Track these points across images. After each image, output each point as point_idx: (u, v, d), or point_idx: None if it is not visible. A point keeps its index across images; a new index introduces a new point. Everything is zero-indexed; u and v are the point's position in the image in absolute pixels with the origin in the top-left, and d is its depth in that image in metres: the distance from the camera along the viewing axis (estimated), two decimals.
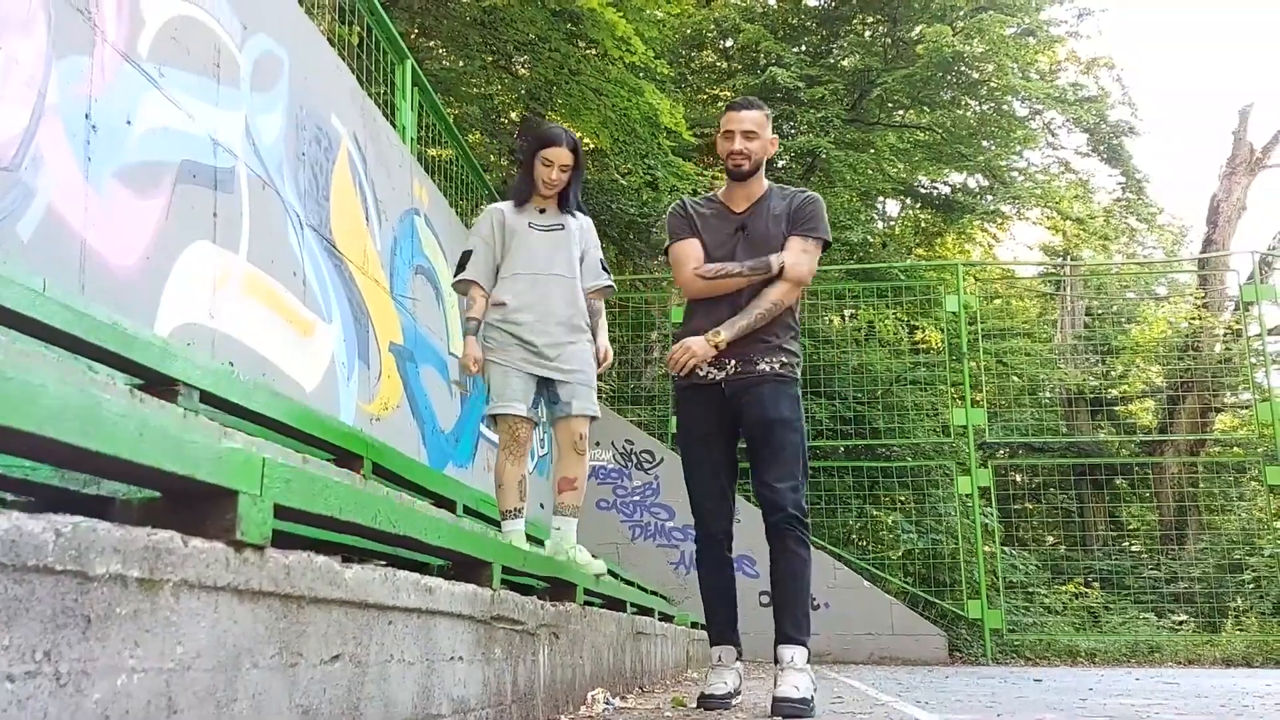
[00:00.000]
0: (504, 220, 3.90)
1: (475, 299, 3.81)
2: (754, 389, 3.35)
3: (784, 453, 3.31)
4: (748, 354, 3.37)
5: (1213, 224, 20.01)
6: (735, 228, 3.47)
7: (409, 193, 7.69)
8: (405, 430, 7.00)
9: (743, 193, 3.53)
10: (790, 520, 3.27)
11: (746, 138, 3.44)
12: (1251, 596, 13.27)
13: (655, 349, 14.93)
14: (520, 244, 3.86)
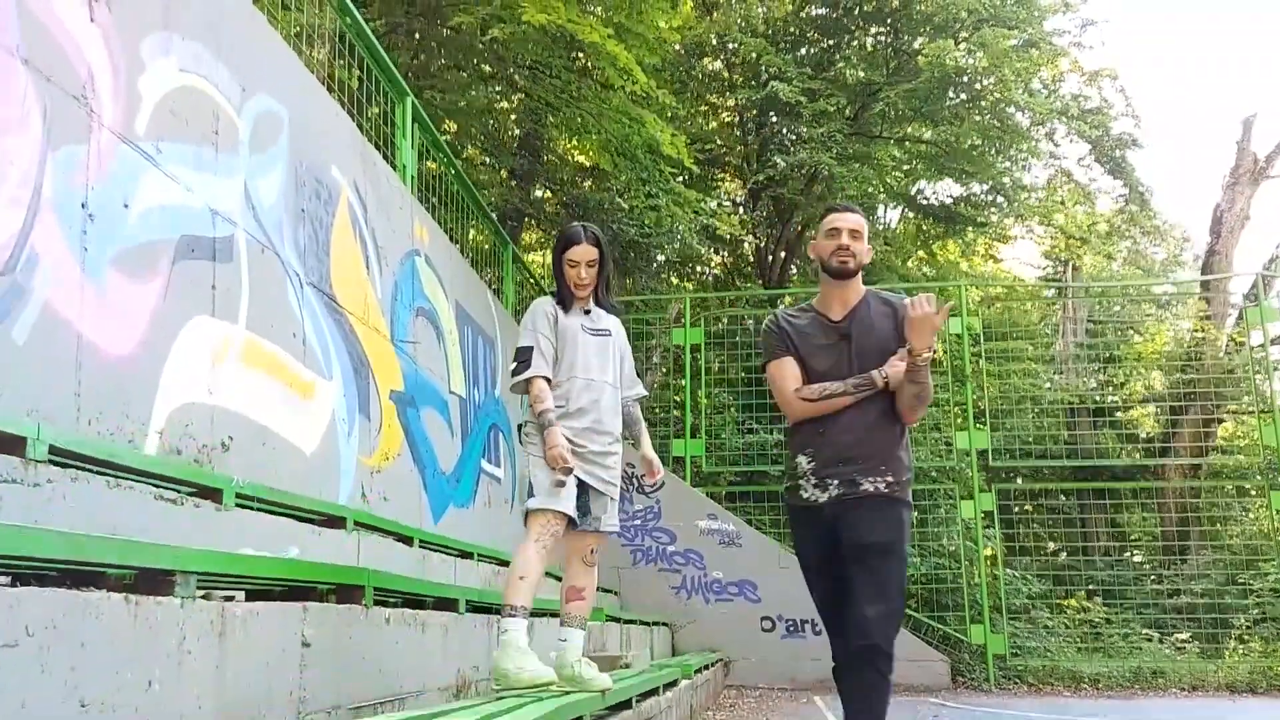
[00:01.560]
0: (557, 318, 3.86)
1: (545, 392, 3.72)
2: (857, 510, 3.20)
3: (877, 579, 3.14)
4: (851, 474, 3.22)
5: (1215, 234, 19.93)
6: (838, 336, 3.34)
7: (409, 234, 7.64)
8: (405, 479, 6.96)
9: (839, 297, 3.39)
10: (874, 651, 3.10)
11: (853, 237, 3.35)
12: (1256, 620, 13.23)
13: (657, 371, 14.88)
14: (574, 346, 3.84)
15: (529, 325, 3.85)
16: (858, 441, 3.23)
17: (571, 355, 3.80)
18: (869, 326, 3.32)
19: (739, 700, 9.47)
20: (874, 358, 3.27)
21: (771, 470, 13.43)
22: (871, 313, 3.35)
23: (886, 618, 3.12)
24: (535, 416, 3.67)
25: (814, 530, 3.30)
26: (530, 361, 3.74)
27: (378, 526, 4.98)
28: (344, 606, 2.88)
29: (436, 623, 3.65)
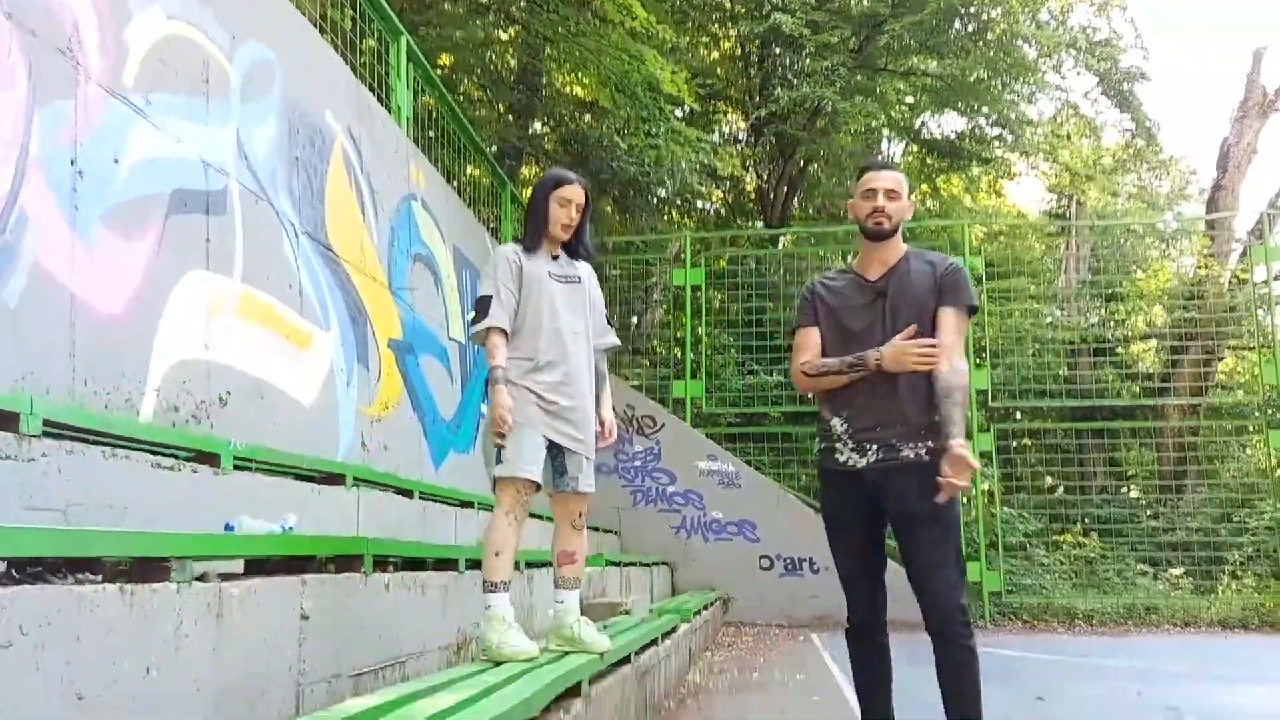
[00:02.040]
0: (521, 265, 3.60)
1: (499, 346, 3.46)
2: (899, 478, 3.09)
3: (931, 549, 3.07)
4: (890, 439, 3.11)
5: (1222, 169, 19.70)
6: (874, 296, 3.21)
7: (405, 179, 7.54)
8: (405, 427, 6.96)
9: (878, 257, 3.25)
10: (952, 627, 3.04)
11: (889, 197, 3.20)
12: (1250, 558, 13.36)
13: (657, 310, 14.84)
14: (540, 294, 3.57)
15: (489, 273, 3.60)
16: (895, 405, 3.12)
17: (538, 304, 3.55)
18: (907, 285, 3.19)
19: (737, 639, 9.60)
20: (910, 317, 3.14)
21: (771, 411, 13.46)
22: (911, 272, 3.21)
23: (951, 586, 3.05)
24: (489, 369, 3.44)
25: (851, 494, 3.19)
26: (489, 311, 3.49)
27: (377, 481, 4.98)
28: (343, 576, 2.89)
29: (436, 584, 3.67)
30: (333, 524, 4.26)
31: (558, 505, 3.53)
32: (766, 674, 6.52)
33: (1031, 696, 5.48)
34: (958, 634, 3.03)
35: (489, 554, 3.33)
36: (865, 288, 3.26)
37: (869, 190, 3.25)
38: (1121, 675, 6.43)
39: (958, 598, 3.06)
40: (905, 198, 3.28)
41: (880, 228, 3.22)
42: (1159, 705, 5.12)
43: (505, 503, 3.39)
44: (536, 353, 3.51)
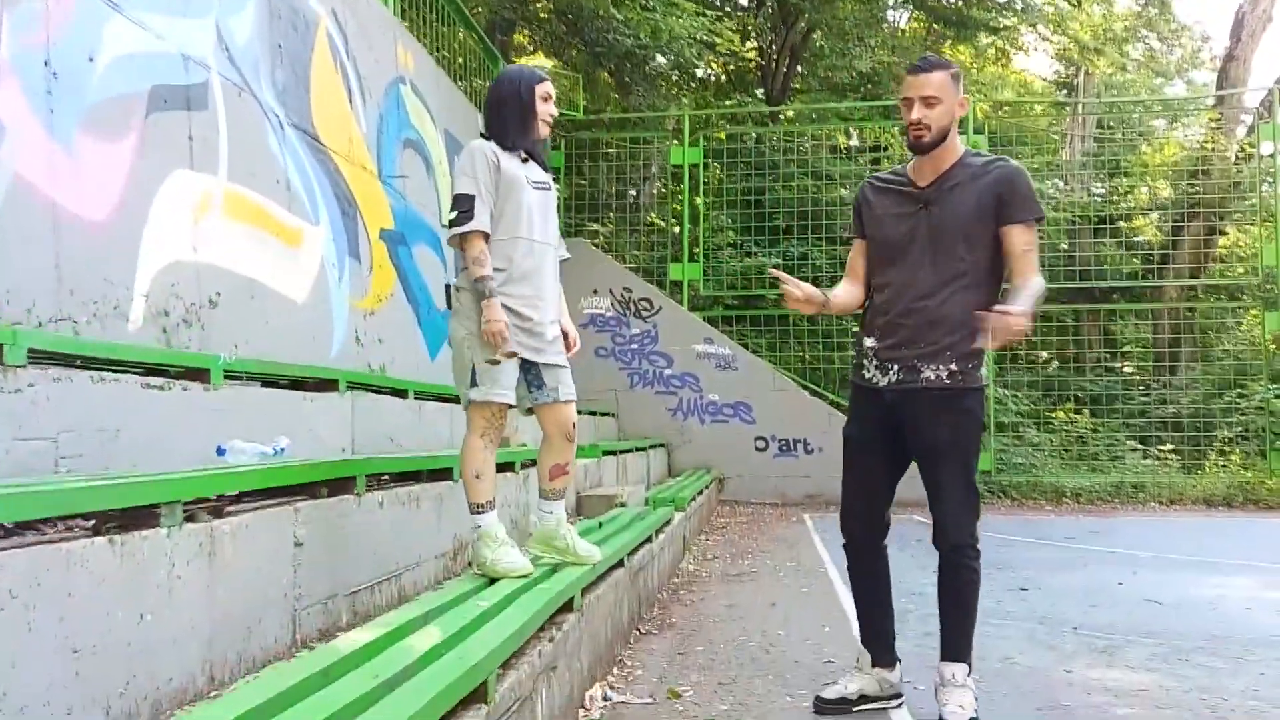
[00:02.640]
0: (500, 165, 3.35)
1: (485, 253, 3.23)
2: (916, 403, 3.00)
3: (946, 480, 3.01)
4: (912, 359, 3.00)
5: (1235, 38, 19.13)
6: (919, 205, 3.02)
7: (393, 61, 7.31)
8: (399, 319, 6.94)
9: (929, 165, 3.03)
10: (955, 550, 3.05)
11: (927, 104, 2.93)
12: (1239, 437, 13.55)
13: (654, 188, 14.61)
14: (518, 201, 3.34)
15: (468, 169, 3.30)
16: (922, 323, 3.00)
17: (515, 211, 3.32)
18: (957, 198, 2.99)
19: (732, 519, 9.80)
20: (953, 231, 2.98)
21: (769, 294, 13.41)
22: (963, 181, 3.00)
23: (963, 513, 3.02)
24: (472, 282, 3.22)
25: (872, 410, 3.13)
26: (473, 212, 3.22)
27: (371, 384, 4.98)
28: (335, 500, 2.91)
29: (431, 494, 3.71)
30: (327, 433, 4.28)
31: (546, 417, 3.42)
32: (759, 560, 6.67)
33: (1016, 587, 5.62)
34: (964, 557, 3.05)
35: (469, 478, 3.27)
36: (910, 196, 3.07)
37: (906, 99, 3.02)
38: (1106, 564, 6.59)
39: (969, 524, 3.04)
40: (953, 96, 2.99)
41: (920, 141, 2.98)
42: (1138, 597, 5.26)
43: (479, 425, 3.30)
44: (511, 263, 3.31)
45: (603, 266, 12.39)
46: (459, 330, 3.32)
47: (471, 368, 3.27)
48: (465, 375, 3.30)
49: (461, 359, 3.32)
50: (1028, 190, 2.99)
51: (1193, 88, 24.12)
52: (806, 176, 13.82)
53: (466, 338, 3.28)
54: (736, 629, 4.42)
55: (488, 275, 3.22)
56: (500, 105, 3.48)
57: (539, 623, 2.64)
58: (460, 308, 3.32)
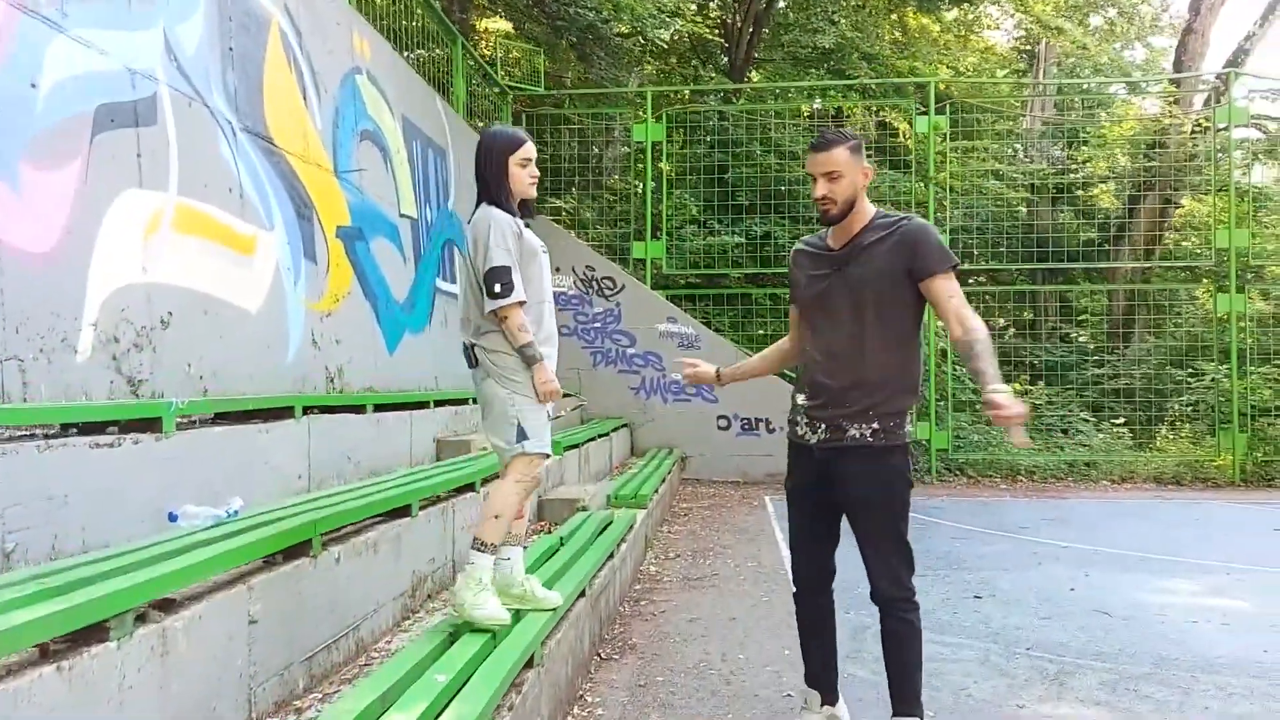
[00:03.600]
0: (521, 234, 3.50)
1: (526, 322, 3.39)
2: (843, 460, 3.09)
3: (877, 536, 3.10)
4: (838, 419, 3.09)
5: (1195, 11, 19.24)
6: (834, 267, 3.13)
7: (349, 50, 7.13)
8: (357, 316, 6.84)
9: (843, 229, 3.16)
10: (891, 604, 3.12)
11: (830, 180, 3.07)
12: (1190, 418, 13.81)
13: (616, 164, 14.48)
14: (540, 266, 3.53)
15: (500, 242, 3.39)
16: (845, 384, 3.09)
17: (539, 276, 3.50)
18: (866, 256, 3.08)
19: (694, 503, 9.88)
20: (866, 291, 3.06)
21: (732, 272, 13.42)
22: (874, 239, 3.10)
23: (896, 568, 3.10)
24: (518, 348, 3.35)
25: (806, 465, 3.23)
26: (513, 284, 3.34)
27: (327, 405, 4.92)
28: (291, 566, 2.88)
29: (389, 536, 3.68)
30: (284, 461, 4.23)
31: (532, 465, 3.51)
32: (720, 560, 6.73)
33: (971, 593, 5.72)
34: (901, 610, 3.12)
35: (490, 514, 3.34)
36: (826, 258, 3.20)
37: (810, 176, 3.16)
38: (1058, 562, 6.71)
39: (902, 578, 3.12)
40: (855, 169, 3.12)
41: (828, 214, 3.12)
42: (1089, 607, 5.38)
43: (519, 471, 3.41)
44: (541, 326, 3.50)
45: (565, 245, 12.30)
46: (499, 390, 3.42)
47: (518, 424, 3.38)
48: (509, 431, 3.40)
49: (505, 417, 3.41)
50: (936, 242, 3.08)
51: (1152, 52, 24.25)
52: (770, 154, 13.76)
53: (509, 397, 3.40)
54: (698, 651, 4.46)
55: (533, 341, 3.39)
56: (480, 170, 3.56)
57: (500, 695, 2.64)
58: (499, 369, 3.43)
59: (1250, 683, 4.04)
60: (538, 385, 3.35)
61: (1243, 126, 13.76)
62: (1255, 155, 16.72)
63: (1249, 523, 8.87)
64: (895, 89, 14.78)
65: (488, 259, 3.40)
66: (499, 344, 3.42)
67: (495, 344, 3.43)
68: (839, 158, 3.10)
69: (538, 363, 3.35)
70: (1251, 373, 12.87)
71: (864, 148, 3.23)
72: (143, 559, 2.39)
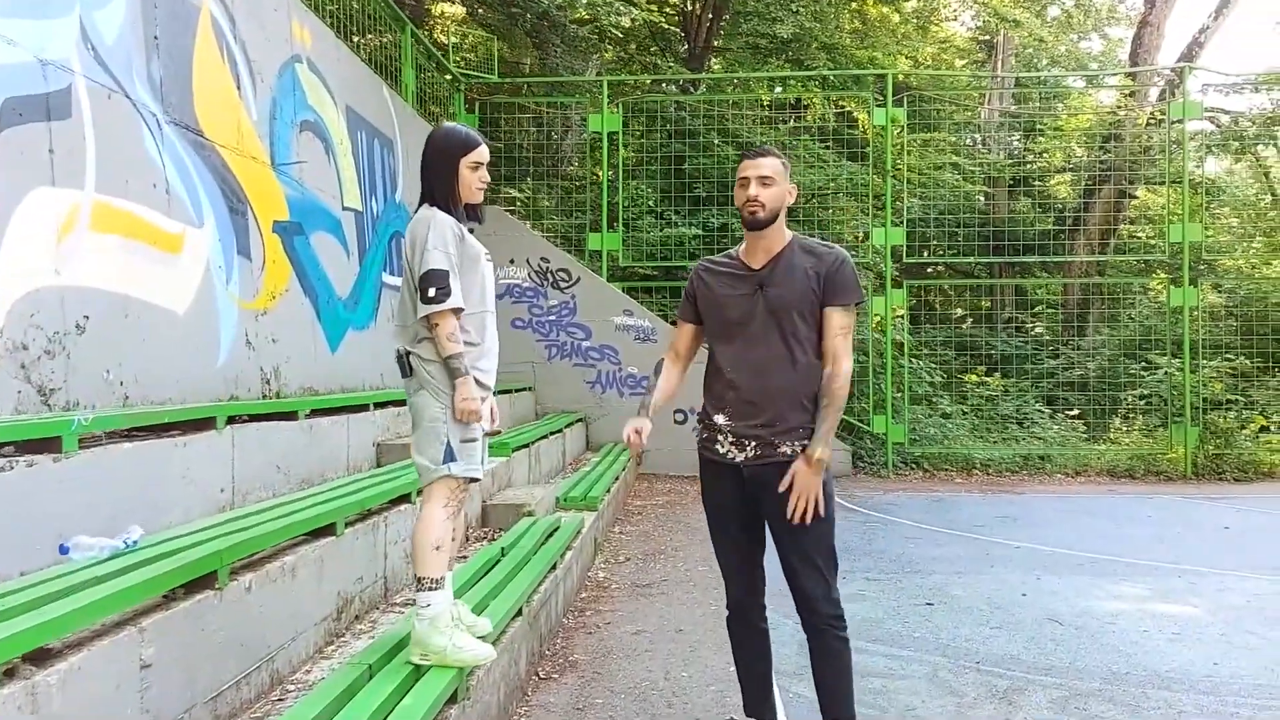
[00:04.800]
0: (463, 238, 3.31)
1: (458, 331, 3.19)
2: (773, 476, 3.02)
3: (809, 549, 3.04)
4: (769, 437, 3.03)
5: (1150, 3, 19.35)
6: (754, 287, 3.08)
7: (287, 38, 6.87)
8: (295, 314, 6.61)
9: (761, 246, 3.11)
10: (821, 621, 3.06)
11: (762, 184, 3.05)
12: (1142, 412, 13.88)
13: (572, 154, 14.25)
14: (482, 273, 3.36)
15: (439, 244, 3.20)
16: (775, 401, 3.04)
17: (481, 284, 3.33)
18: (788, 277, 3.05)
19: (649, 500, 9.75)
20: (789, 310, 3.03)
21: (689, 265, 13.24)
22: (794, 263, 3.07)
23: (822, 585, 3.05)
24: (444, 357, 3.14)
25: (728, 484, 3.14)
26: (449, 289, 3.14)
27: (255, 414, 4.71)
28: (192, 602, 2.69)
29: (310, 559, 3.49)
30: (203, 475, 4.02)
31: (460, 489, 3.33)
32: (671, 564, 6.60)
33: (922, 600, 5.63)
34: (832, 627, 3.08)
35: (426, 549, 3.14)
36: (745, 278, 3.13)
37: (742, 179, 3.11)
38: (1011, 564, 6.65)
39: (832, 592, 3.07)
40: (785, 182, 3.12)
41: (755, 217, 3.07)
42: (1040, 614, 5.30)
43: (444, 497, 3.23)
44: (484, 337, 3.34)
45: (520, 235, 12.09)
46: (431, 406, 3.23)
47: (446, 443, 3.20)
48: (436, 450, 3.21)
49: (433, 434, 3.21)
50: (851, 276, 3.09)
51: (1108, 43, 24.40)
52: (729, 145, 13.61)
53: (441, 414, 3.21)
54: (641, 669, 4.32)
55: (462, 353, 3.19)
56: (426, 169, 3.39)
57: None
58: (430, 380, 3.24)
59: (1200, 700, 3.97)
60: (456, 402, 3.15)
61: (1197, 120, 13.76)
62: (1209, 149, 16.86)
63: (1200, 519, 8.89)
64: (854, 80, 14.67)
65: (424, 261, 3.22)
66: (435, 353, 3.23)
67: (431, 353, 3.24)
68: (773, 164, 3.11)
69: (462, 377, 3.17)
70: (1204, 366, 12.95)
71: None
72: (20, 603, 2.19)
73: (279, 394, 6.11)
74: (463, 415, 3.16)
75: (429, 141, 3.41)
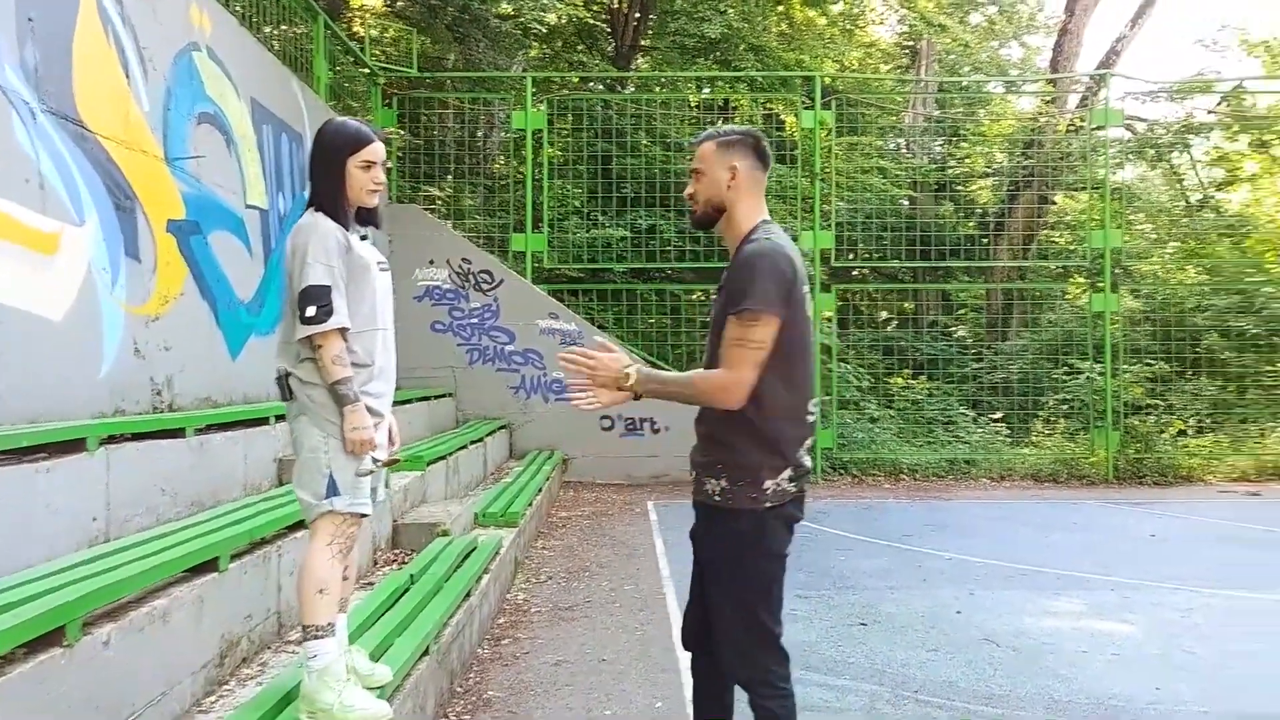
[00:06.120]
0: (350, 247, 2.98)
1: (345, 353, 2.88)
2: (700, 517, 2.69)
3: (718, 603, 2.65)
4: (697, 469, 2.68)
5: (1070, 12, 19.66)
6: (719, 287, 2.71)
7: (184, 24, 6.42)
8: (192, 320, 6.16)
9: (729, 245, 2.72)
10: (744, 685, 2.67)
11: (694, 178, 2.70)
12: (1065, 415, 13.98)
13: (496, 152, 13.87)
14: (373, 286, 3.02)
15: (320, 256, 2.86)
16: (702, 432, 2.68)
17: (372, 298, 3.00)
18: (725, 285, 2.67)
19: (573, 510, 9.44)
20: (717, 325, 2.64)
21: (616, 267, 12.98)
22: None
23: (744, 648, 2.63)
24: (330, 383, 2.82)
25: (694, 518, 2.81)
26: (332, 306, 2.83)
27: (137, 432, 4.29)
28: (34, 663, 2.31)
29: (187, 600, 3.11)
30: (70, 504, 3.60)
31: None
32: (595, 583, 6.30)
33: (856, 620, 5.42)
34: (757, 695, 2.63)
35: (310, 593, 2.82)
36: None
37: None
38: (943, 578, 6.51)
39: (750, 657, 2.64)
40: (718, 168, 2.67)
41: (691, 217, 2.76)
42: (977, 634, 5.13)
43: (328, 535, 2.89)
44: (374, 358, 3.01)
45: (440, 235, 11.68)
46: (311, 434, 2.89)
47: (329, 476, 2.87)
48: (318, 483, 2.87)
49: (315, 465, 2.88)
50: (749, 277, 2.55)
51: (1027, 51, 24.75)
52: (657, 145, 13.36)
53: (322, 443, 2.87)
54: (560, 707, 4.01)
55: (350, 377, 2.86)
56: (312, 168, 3.04)
57: None
58: (312, 406, 2.90)
59: None
60: (346, 432, 2.84)
61: (1118, 127, 13.93)
62: (1126, 155, 17.12)
63: (1126, 526, 8.88)
64: (782, 82, 14.54)
65: (303, 275, 2.87)
66: (318, 376, 2.89)
67: (313, 375, 2.90)
68: (702, 151, 2.70)
69: (351, 404, 2.84)
70: (1124, 370, 13.08)
71: (744, 145, 2.72)
72: None
73: (172, 405, 5.67)
74: (354, 447, 2.84)
75: (316, 137, 3.07)
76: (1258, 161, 18.89)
